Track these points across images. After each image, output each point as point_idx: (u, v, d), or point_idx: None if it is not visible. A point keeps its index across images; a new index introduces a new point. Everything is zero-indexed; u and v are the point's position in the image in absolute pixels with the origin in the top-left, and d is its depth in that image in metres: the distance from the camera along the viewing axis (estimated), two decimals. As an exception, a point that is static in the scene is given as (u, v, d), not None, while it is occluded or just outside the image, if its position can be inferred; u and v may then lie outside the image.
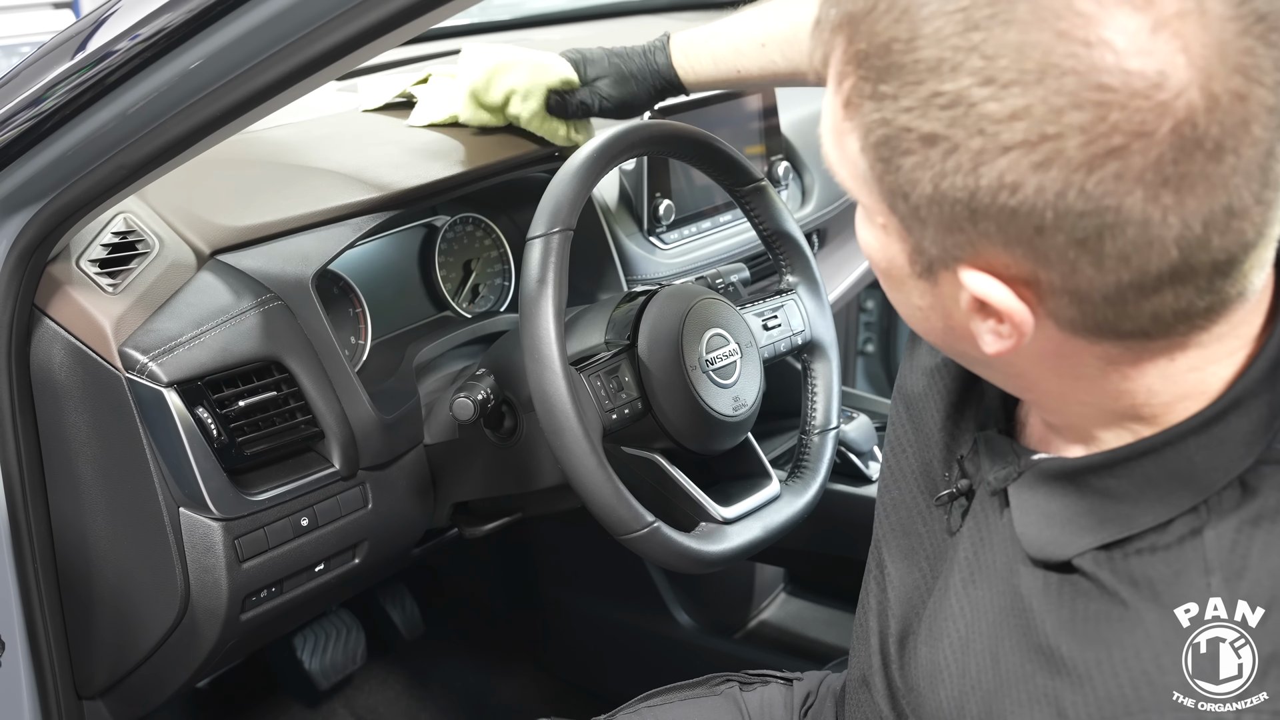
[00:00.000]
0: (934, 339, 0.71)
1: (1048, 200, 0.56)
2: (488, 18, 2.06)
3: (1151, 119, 0.54)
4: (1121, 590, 0.66)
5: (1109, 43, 0.53)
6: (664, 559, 1.07)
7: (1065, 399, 0.68)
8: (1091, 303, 0.59)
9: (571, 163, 1.09)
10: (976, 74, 0.55)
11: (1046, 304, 0.61)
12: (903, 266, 0.66)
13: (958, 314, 0.65)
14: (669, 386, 1.11)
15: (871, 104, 0.60)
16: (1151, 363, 0.63)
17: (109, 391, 1.06)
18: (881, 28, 0.59)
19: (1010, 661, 0.72)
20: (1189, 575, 0.64)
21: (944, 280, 0.64)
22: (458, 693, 1.94)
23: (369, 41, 0.82)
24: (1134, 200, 0.55)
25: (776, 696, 1.16)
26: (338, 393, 1.15)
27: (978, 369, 0.74)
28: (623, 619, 1.87)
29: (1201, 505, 0.64)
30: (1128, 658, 0.64)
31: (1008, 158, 0.56)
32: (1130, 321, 0.60)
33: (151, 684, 1.19)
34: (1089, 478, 0.68)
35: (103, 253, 1.10)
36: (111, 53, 0.88)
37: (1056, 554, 0.69)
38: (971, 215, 0.58)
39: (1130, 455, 0.66)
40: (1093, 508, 0.68)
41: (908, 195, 0.61)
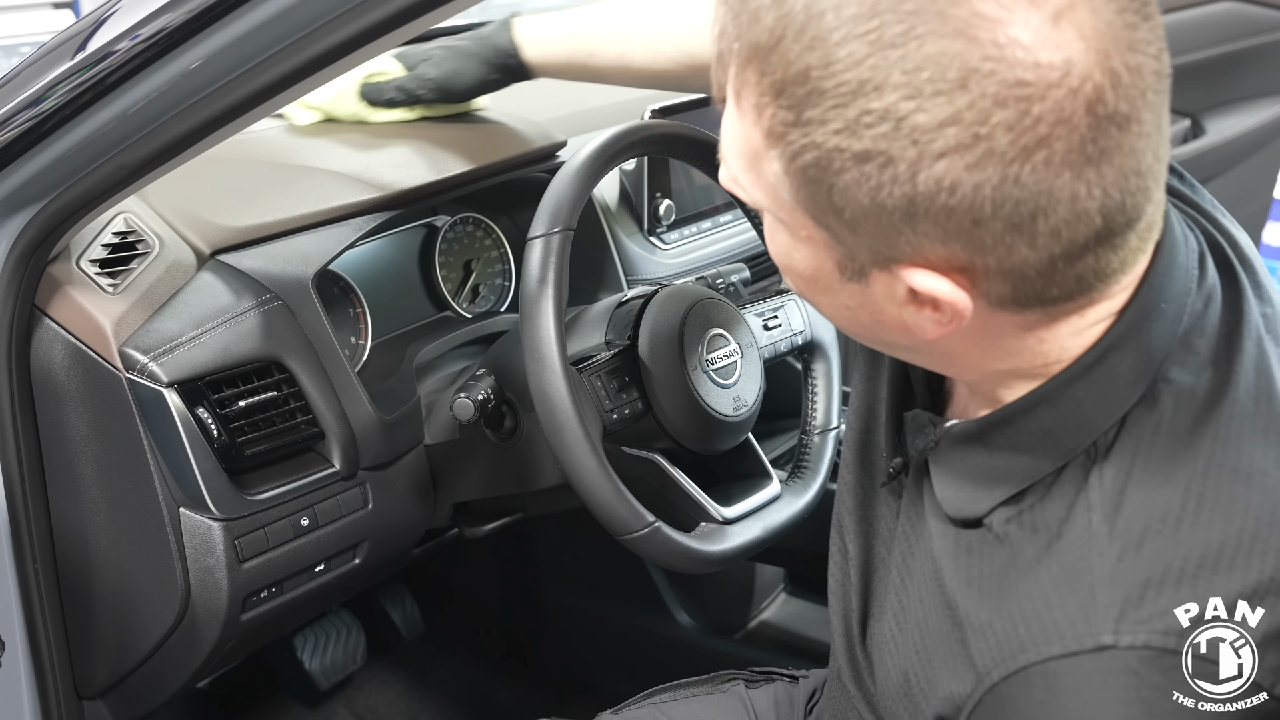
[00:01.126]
0: (859, 333, 0.74)
1: (985, 195, 0.59)
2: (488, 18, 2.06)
3: (1068, 105, 0.57)
4: (1022, 541, 0.70)
5: (1017, 40, 0.57)
6: (664, 559, 1.07)
7: (984, 367, 0.71)
8: (1023, 278, 0.63)
9: (572, 163, 1.09)
10: (901, 89, 0.58)
11: (980, 286, 0.64)
12: (830, 273, 0.68)
13: (890, 309, 0.67)
14: (669, 386, 1.11)
15: (797, 131, 0.61)
16: (1065, 321, 0.67)
17: (109, 391, 1.06)
18: (794, 57, 0.60)
19: (933, 621, 0.75)
20: (1075, 515, 0.68)
21: (876, 280, 0.66)
22: (458, 693, 1.94)
23: (369, 41, 0.82)
24: (1063, 181, 0.59)
25: (782, 694, 1.17)
26: (338, 393, 1.15)
27: (899, 354, 0.78)
28: (623, 619, 1.87)
29: (1091, 446, 0.68)
30: (1021, 600, 0.68)
31: (943, 162, 0.58)
32: (1057, 288, 0.64)
33: (152, 684, 1.19)
34: (993, 435, 0.72)
35: (103, 253, 1.10)
36: (111, 53, 0.88)
37: (971, 511, 0.73)
38: (910, 219, 0.61)
39: (1026, 407, 0.70)
40: (999, 463, 0.72)
41: (841, 210, 0.63)
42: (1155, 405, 0.68)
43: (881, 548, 0.89)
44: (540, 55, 1.26)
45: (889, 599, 0.84)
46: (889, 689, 0.82)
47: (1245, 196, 2.67)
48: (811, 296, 0.73)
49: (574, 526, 1.33)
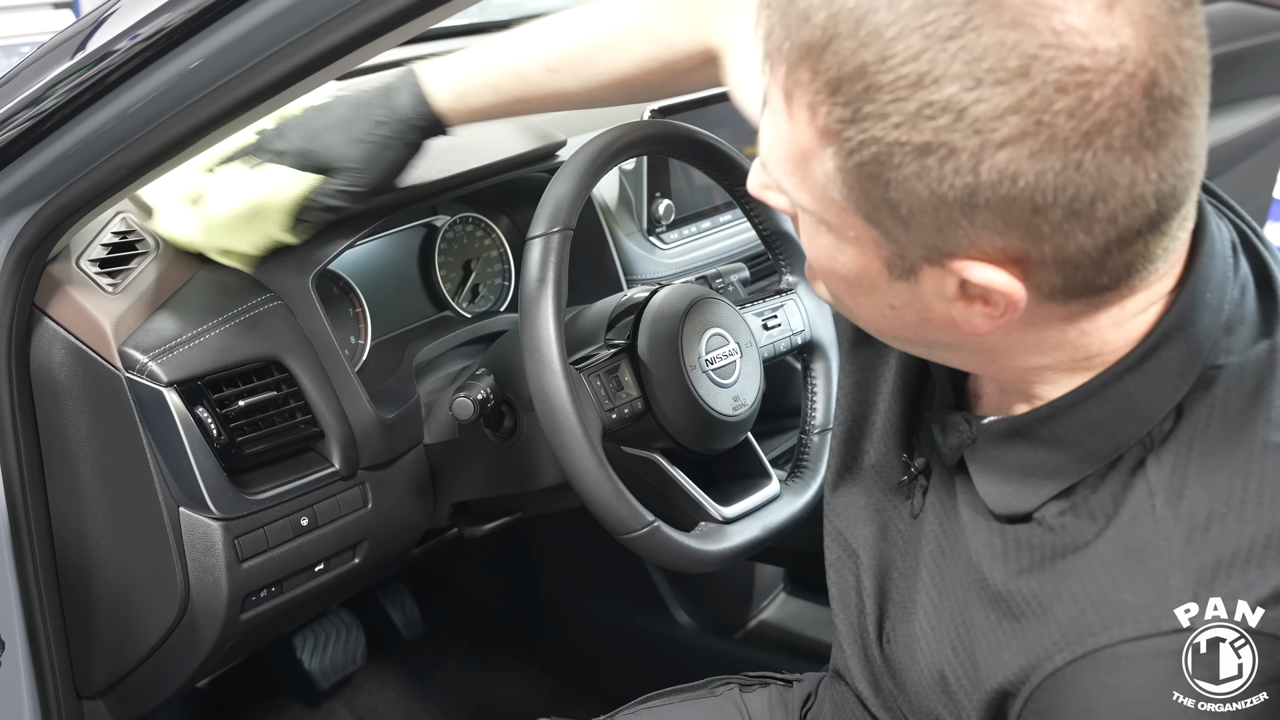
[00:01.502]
0: (901, 332, 0.73)
1: (1046, 181, 0.59)
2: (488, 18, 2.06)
3: (1126, 90, 0.58)
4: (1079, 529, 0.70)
5: (1074, 27, 0.57)
6: (664, 559, 1.07)
7: (1025, 363, 0.71)
8: (1077, 266, 0.63)
9: (571, 162, 1.09)
10: (961, 80, 0.58)
11: (1033, 277, 0.64)
12: (878, 272, 0.68)
13: (938, 305, 0.67)
14: (669, 386, 1.11)
15: (854, 127, 0.61)
16: (1106, 312, 0.67)
17: (109, 391, 1.06)
18: (849, 53, 0.60)
19: (978, 616, 0.75)
20: (1135, 499, 0.68)
21: (926, 276, 0.66)
22: (458, 693, 1.94)
23: (369, 41, 0.82)
24: (1123, 166, 0.59)
25: (776, 698, 1.17)
26: (338, 393, 1.15)
27: (939, 354, 0.77)
28: (623, 619, 1.87)
29: (1145, 437, 0.69)
30: (1085, 583, 0.68)
31: (1006, 151, 0.59)
32: (1107, 275, 0.64)
33: (151, 684, 1.19)
34: (1039, 429, 0.72)
35: (103, 252, 1.10)
36: (111, 53, 0.88)
37: (1020, 507, 0.73)
38: (969, 210, 0.61)
39: (1074, 401, 0.70)
40: (1047, 458, 0.72)
41: (898, 205, 0.62)
42: (1208, 392, 0.69)
43: (894, 551, 0.89)
44: (464, 114, 1.11)
45: (919, 599, 0.83)
46: (922, 688, 0.81)
47: (1245, 196, 2.66)
48: (852, 299, 0.72)
49: (574, 526, 1.33)
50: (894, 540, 0.89)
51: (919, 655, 0.82)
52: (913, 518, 0.87)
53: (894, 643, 0.87)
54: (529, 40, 1.11)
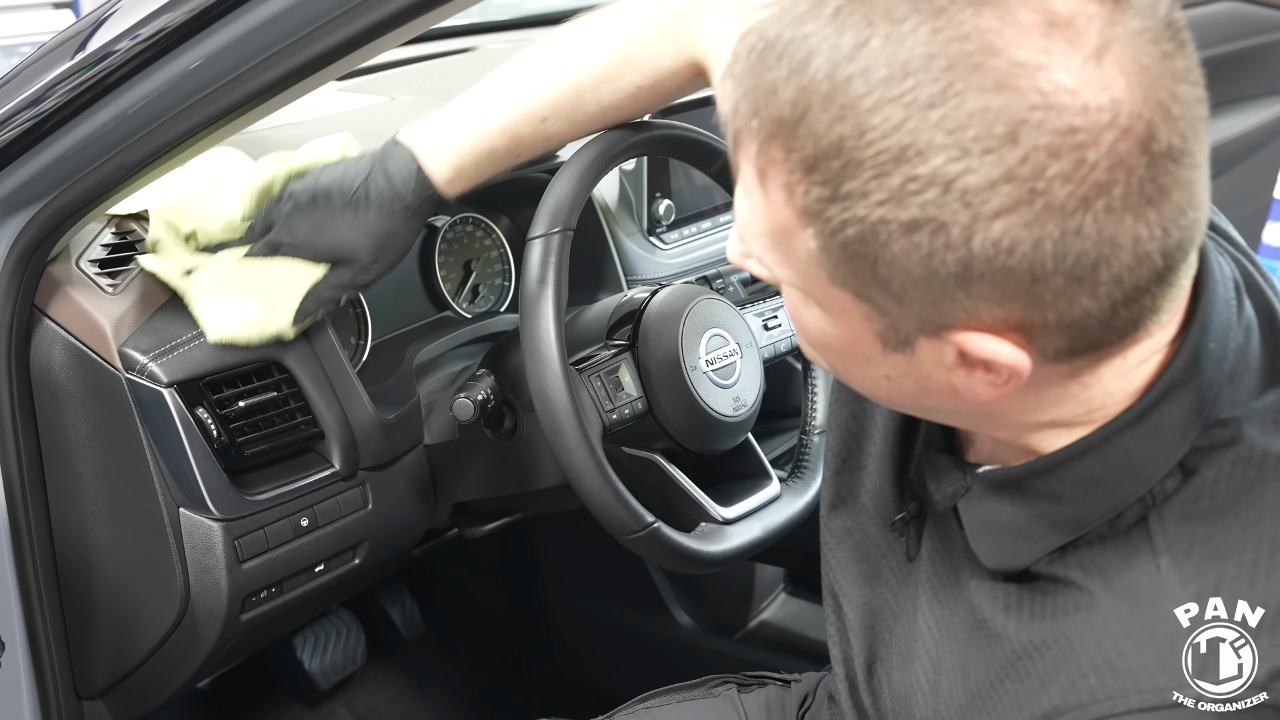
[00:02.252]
0: (898, 401, 0.70)
1: (1045, 251, 0.56)
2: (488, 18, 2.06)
3: (1123, 146, 0.55)
4: (1076, 578, 0.67)
5: (1062, 86, 0.54)
6: (664, 559, 1.07)
7: (1025, 421, 0.68)
8: (1082, 329, 0.60)
9: (571, 163, 1.09)
10: (945, 150, 0.55)
11: (1037, 343, 0.61)
12: (870, 345, 0.65)
13: (937, 374, 0.64)
14: (669, 386, 1.11)
15: (836, 206, 0.58)
16: (1109, 364, 0.64)
17: (109, 391, 1.06)
18: (824, 128, 0.57)
19: (979, 673, 0.72)
20: (1139, 560, 0.65)
21: (923, 348, 0.63)
22: (458, 693, 1.94)
23: (369, 41, 0.82)
24: (1125, 225, 0.56)
25: (774, 699, 1.17)
26: (338, 393, 1.15)
27: (940, 418, 0.73)
28: (623, 619, 1.87)
29: (1146, 495, 0.66)
30: (1089, 646, 0.66)
31: (1000, 222, 0.56)
32: (1114, 334, 0.61)
33: (151, 684, 1.19)
34: (1034, 483, 0.69)
35: (103, 253, 1.09)
36: (111, 53, 0.88)
37: (1012, 564, 0.70)
38: (964, 284, 0.58)
39: (1071, 455, 0.67)
40: (1041, 513, 0.69)
41: (888, 283, 0.60)
42: (1213, 450, 0.66)
43: (887, 591, 0.86)
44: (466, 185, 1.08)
45: (917, 650, 0.80)
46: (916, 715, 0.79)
47: (1245, 196, 2.66)
48: (844, 369, 0.70)
49: (574, 526, 1.33)
50: (886, 580, 0.86)
51: (915, 707, 0.79)
52: (909, 560, 0.84)
53: (889, 691, 0.84)
54: (515, 92, 1.06)
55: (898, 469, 0.85)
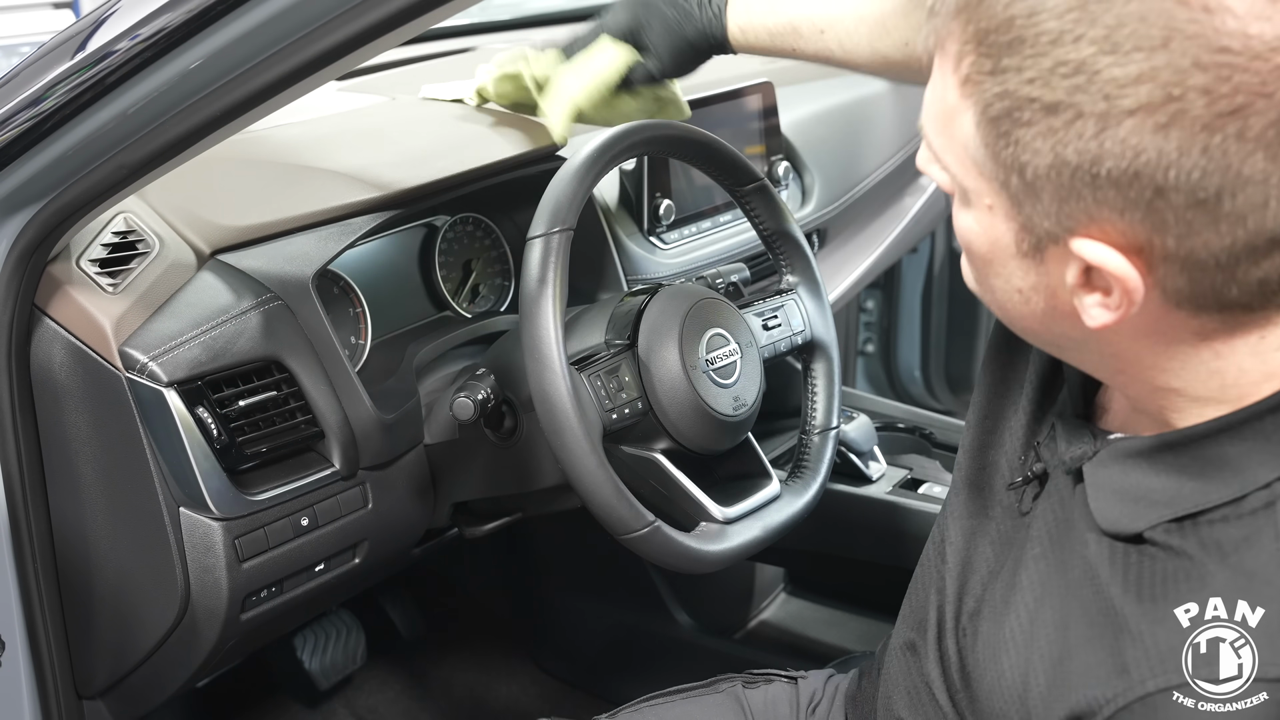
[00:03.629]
0: (1029, 323, 0.72)
1: (1170, 160, 0.58)
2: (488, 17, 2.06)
3: (1273, 80, 0.56)
4: (1190, 551, 0.68)
5: (1230, 8, 0.56)
6: (664, 559, 1.07)
7: (1154, 379, 0.70)
8: (1203, 269, 0.61)
9: (571, 163, 1.09)
10: (1099, 42, 0.58)
11: (1156, 272, 0.62)
12: (1007, 247, 0.68)
13: (1063, 291, 0.66)
14: (669, 386, 1.11)
15: (992, 79, 0.62)
16: (1244, 338, 0.66)
17: (109, 391, 1.06)
18: (1001, 7, 0.61)
19: (1078, 628, 0.74)
20: (1260, 540, 0.65)
21: (1051, 256, 0.66)
22: (458, 693, 1.94)
23: (369, 41, 0.82)
24: (1255, 160, 0.58)
25: (781, 695, 1.17)
26: (338, 393, 1.15)
27: (1069, 353, 0.75)
28: (623, 619, 1.87)
29: (1275, 481, 0.66)
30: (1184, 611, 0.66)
31: (1131, 120, 0.58)
32: (1237, 288, 0.62)
33: (151, 684, 1.19)
34: (1165, 455, 0.70)
35: (103, 253, 1.09)
36: (111, 53, 0.88)
37: (1128, 527, 0.71)
38: (1092, 181, 0.60)
39: (1207, 433, 0.68)
40: (1166, 484, 0.70)
41: (1024, 168, 0.63)
42: None
43: (987, 544, 0.88)
44: (745, 47, 1.27)
45: (1014, 601, 0.81)
46: (998, 691, 0.80)
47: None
48: (986, 280, 0.72)
49: (574, 526, 1.32)
50: (991, 536, 0.88)
51: (1003, 658, 0.80)
52: (1020, 514, 0.85)
53: (978, 640, 0.86)
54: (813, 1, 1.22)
55: (1029, 429, 0.87)
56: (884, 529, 1.54)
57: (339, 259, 1.23)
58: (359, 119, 1.45)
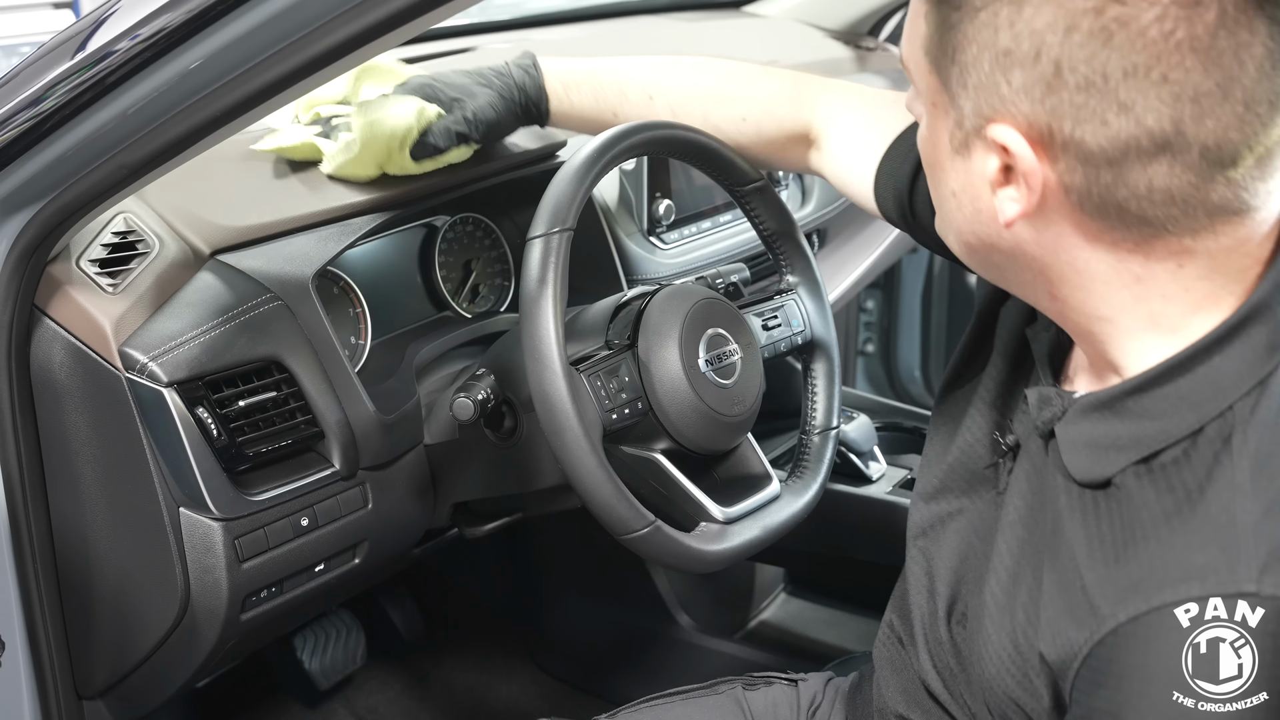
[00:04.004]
0: (963, 234, 0.78)
1: (1074, 43, 0.64)
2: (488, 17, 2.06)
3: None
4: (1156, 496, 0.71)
5: None
6: (664, 559, 1.07)
7: (1085, 305, 0.74)
8: (1095, 164, 0.67)
9: (571, 163, 1.09)
10: None
11: (1058, 165, 0.68)
12: (945, 147, 0.74)
13: (985, 194, 0.72)
14: (669, 386, 1.11)
15: None
16: (1161, 263, 0.70)
17: (109, 391, 1.06)
18: None
19: (1051, 577, 0.77)
20: (1218, 472, 0.69)
21: (976, 151, 0.72)
22: (458, 693, 1.94)
23: (369, 41, 0.82)
24: (1152, 56, 0.62)
25: (781, 697, 1.17)
26: (338, 393, 1.15)
27: (1007, 274, 0.79)
28: (623, 619, 1.87)
29: (1228, 411, 0.70)
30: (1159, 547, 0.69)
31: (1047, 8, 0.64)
32: (1129, 193, 0.67)
33: (151, 684, 1.19)
34: (1127, 402, 0.74)
35: (103, 253, 1.10)
36: (111, 53, 0.88)
37: (1099, 474, 0.75)
38: (1006, 67, 0.67)
39: (1163, 374, 0.72)
40: (1132, 429, 0.73)
41: (956, 54, 0.70)
42: None
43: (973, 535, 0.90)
44: (563, 109, 1.24)
45: (991, 567, 0.84)
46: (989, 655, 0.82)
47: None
48: (937, 192, 0.79)
49: (574, 526, 1.33)
50: (973, 525, 0.91)
51: (987, 622, 0.83)
52: (998, 494, 0.88)
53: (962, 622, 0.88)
54: (641, 66, 1.23)
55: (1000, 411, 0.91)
56: (884, 529, 1.54)
57: (339, 259, 1.23)
58: (359, 119, 1.44)
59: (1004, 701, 0.81)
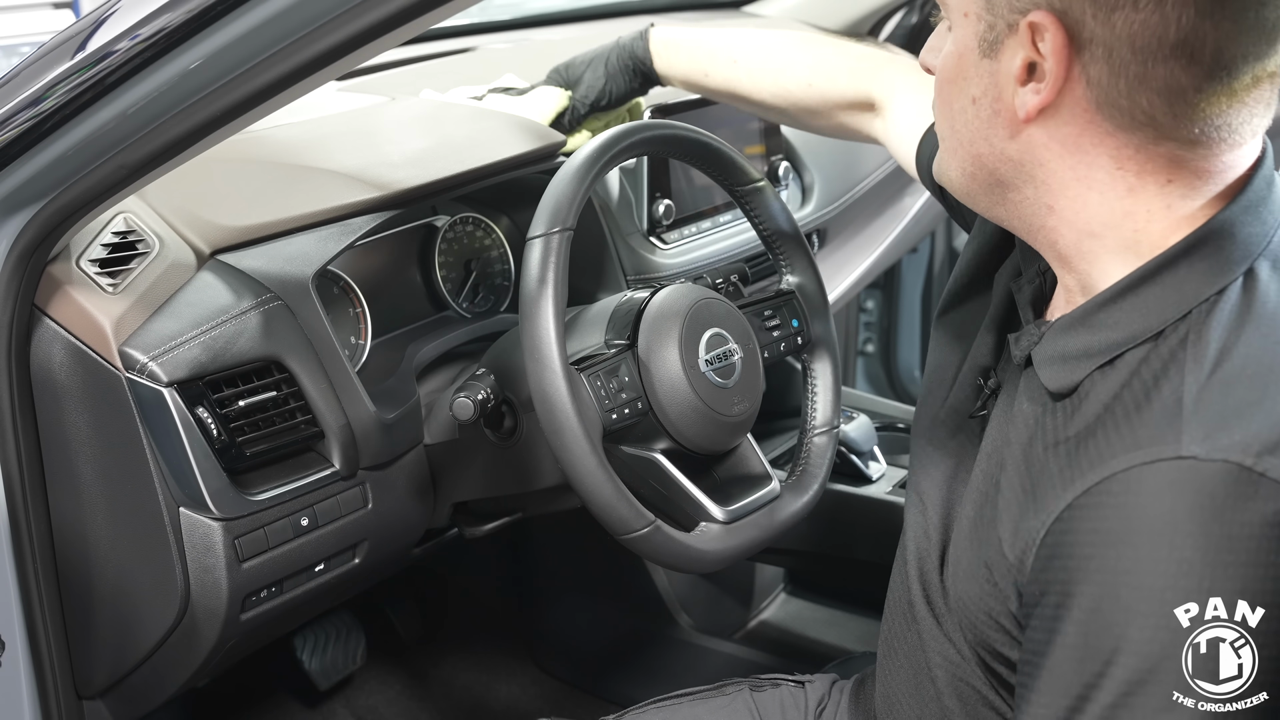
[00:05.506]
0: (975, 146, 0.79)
1: None
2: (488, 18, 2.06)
3: None
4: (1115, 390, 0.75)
5: None
6: (664, 559, 1.07)
7: (1078, 220, 0.77)
8: (1120, 58, 0.70)
9: (571, 163, 1.09)
10: None
11: (1083, 56, 0.71)
12: (971, 52, 0.77)
13: (1007, 93, 0.75)
14: (669, 386, 1.11)
15: None
16: (1153, 176, 0.74)
17: (109, 391, 1.06)
18: None
19: (1013, 482, 0.81)
20: (1174, 367, 0.73)
21: (1005, 50, 0.74)
22: (458, 693, 1.94)
23: (369, 41, 0.82)
24: None
25: (789, 698, 1.17)
26: (338, 393, 1.15)
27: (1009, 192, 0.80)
28: (623, 619, 1.87)
29: (1187, 315, 0.74)
30: (1109, 431, 0.73)
31: None
32: (1143, 93, 0.70)
33: (151, 684, 1.19)
34: (1097, 315, 0.77)
35: (103, 253, 1.10)
36: (111, 53, 0.88)
37: (1068, 381, 0.79)
38: None
39: (1130, 285, 0.76)
40: (1100, 338, 0.77)
41: None
42: (1256, 278, 0.74)
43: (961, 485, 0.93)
44: (666, 69, 1.38)
45: (970, 491, 0.88)
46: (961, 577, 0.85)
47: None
48: (946, 104, 0.81)
49: (574, 526, 1.33)
50: (962, 477, 0.93)
51: (960, 543, 0.86)
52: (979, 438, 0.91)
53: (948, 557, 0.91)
54: (733, 35, 1.35)
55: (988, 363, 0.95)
56: (884, 529, 1.53)
57: (339, 259, 1.23)
58: (359, 119, 1.45)
59: (980, 619, 0.83)
